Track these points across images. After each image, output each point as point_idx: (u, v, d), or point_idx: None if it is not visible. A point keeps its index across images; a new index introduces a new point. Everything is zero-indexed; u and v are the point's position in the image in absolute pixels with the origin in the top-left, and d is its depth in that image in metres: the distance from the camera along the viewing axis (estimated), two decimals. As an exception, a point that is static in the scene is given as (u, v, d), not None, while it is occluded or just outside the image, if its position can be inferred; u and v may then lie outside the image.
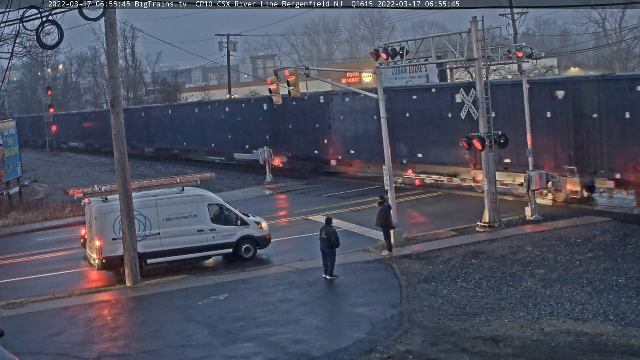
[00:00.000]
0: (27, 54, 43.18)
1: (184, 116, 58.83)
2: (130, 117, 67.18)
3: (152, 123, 63.57)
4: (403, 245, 24.81)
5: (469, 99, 26.55)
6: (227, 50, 70.11)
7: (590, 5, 61.49)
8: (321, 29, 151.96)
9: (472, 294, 19.24)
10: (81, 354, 16.88)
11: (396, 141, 35.02)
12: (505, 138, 26.70)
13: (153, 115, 64.20)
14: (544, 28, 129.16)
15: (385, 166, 26.04)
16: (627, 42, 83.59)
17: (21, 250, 30.14)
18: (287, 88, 25.64)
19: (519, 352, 15.18)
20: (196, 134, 56.50)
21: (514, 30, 53.63)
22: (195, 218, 24.53)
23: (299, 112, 43.80)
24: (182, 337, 17.61)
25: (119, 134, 22.65)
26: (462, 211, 30.04)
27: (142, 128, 64.73)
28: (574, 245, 23.20)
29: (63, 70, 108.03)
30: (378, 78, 26.11)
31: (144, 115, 65.78)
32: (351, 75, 74.86)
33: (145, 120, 64.79)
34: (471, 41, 25.76)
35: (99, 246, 23.79)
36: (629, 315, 16.74)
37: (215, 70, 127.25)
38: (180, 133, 58.89)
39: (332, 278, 21.64)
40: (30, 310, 20.66)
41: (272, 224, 28.63)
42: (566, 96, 28.66)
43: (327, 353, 15.81)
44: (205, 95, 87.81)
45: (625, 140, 26.52)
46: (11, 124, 43.46)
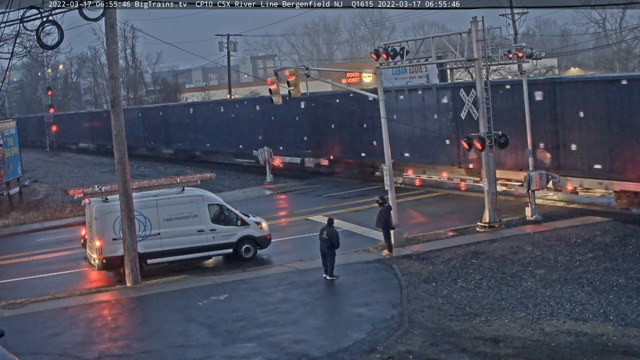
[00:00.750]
0: (27, 54, 43.21)
1: (207, 115, 55.51)
2: (146, 116, 64.97)
3: (170, 123, 60.53)
4: (403, 245, 24.81)
5: (469, 98, 26.56)
6: (227, 50, 70.15)
7: (590, 5, 61.55)
8: (321, 29, 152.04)
9: (472, 294, 19.24)
10: (81, 354, 16.88)
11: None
12: (505, 138, 26.71)
13: (172, 115, 60.98)
14: (544, 28, 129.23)
15: (385, 166, 26.06)
16: (627, 42, 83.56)
17: (21, 250, 30.15)
18: (287, 88, 25.66)
19: (519, 352, 15.18)
20: (221, 134, 53.23)
21: (514, 30, 53.65)
22: (195, 218, 24.53)
23: (342, 111, 40.51)
24: (182, 337, 17.61)
25: (119, 134, 22.65)
26: (462, 211, 30.04)
27: (160, 128, 61.95)
28: (574, 245, 23.21)
29: (63, 70, 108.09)
30: (378, 78, 26.12)
31: (162, 114, 62.66)
32: (351, 75, 74.88)
33: (163, 120, 61.81)
34: (471, 41, 25.76)
35: (99, 246, 23.79)
36: (629, 315, 16.73)
37: (215, 70, 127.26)
38: (203, 133, 55.59)
39: (332, 278, 21.64)
40: (30, 310, 20.66)
41: (272, 224, 28.63)
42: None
43: (327, 353, 15.81)
44: (205, 95, 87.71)
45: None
46: (11, 124, 43.47)
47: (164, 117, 61.95)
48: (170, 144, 61.93)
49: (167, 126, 61.12)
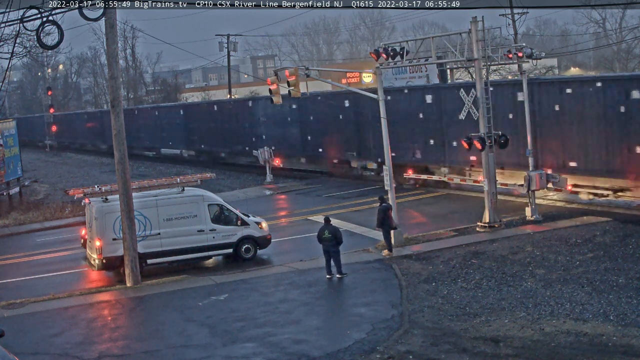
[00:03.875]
0: (27, 54, 43.19)
1: (235, 114, 51.58)
2: (164, 116, 61.77)
3: (191, 122, 57.08)
4: (403, 245, 24.80)
5: (469, 98, 26.56)
6: (227, 50, 70.15)
7: (590, 5, 61.52)
8: (321, 29, 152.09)
9: (472, 294, 19.24)
10: (81, 354, 16.88)
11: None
12: (505, 138, 26.71)
13: (193, 114, 57.69)
14: (544, 28, 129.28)
15: (385, 166, 26.07)
16: (627, 42, 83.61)
17: (21, 250, 30.15)
18: (287, 88, 25.68)
19: (519, 352, 15.17)
20: (252, 135, 49.25)
21: (514, 30, 53.65)
22: (195, 218, 24.53)
23: (401, 107, 36.39)
24: (182, 337, 17.61)
25: (119, 134, 22.65)
26: (462, 211, 30.03)
27: (179, 128, 58.68)
28: (574, 245, 23.20)
29: (63, 70, 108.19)
30: (378, 78, 26.12)
31: (182, 113, 59.44)
32: (351, 75, 74.96)
33: (183, 119, 58.42)
34: (471, 41, 25.76)
35: (99, 246, 23.78)
36: (629, 315, 16.73)
37: (215, 70, 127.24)
38: (230, 134, 51.86)
39: (341, 276, 21.63)
40: (30, 310, 20.66)
41: (272, 224, 28.63)
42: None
43: (327, 353, 15.81)
44: (205, 95, 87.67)
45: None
46: (11, 124, 43.50)
47: (184, 116, 58.29)
48: (191, 145, 57.89)
49: (188, 127, 57.24)
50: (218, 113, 54.94)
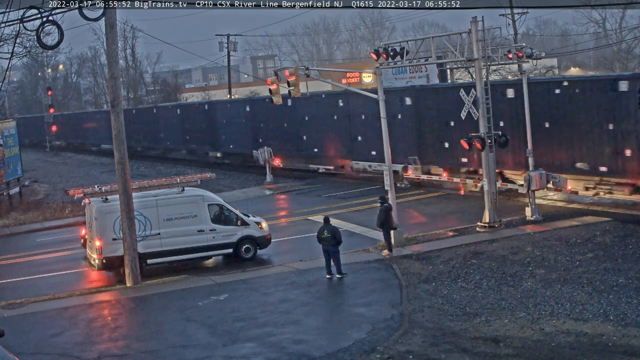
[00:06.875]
0: (27, 54, 43.18)
1: (269, 113, 47.27)
2: (188, 115, 58.71)
3: (218, 121, 53.32)
4: (403, 245, 24.81)
5: (469, 99, 26.56)
6: (227, 50, 70.11)
7: (590, 5, 61.47)
8: (321, 29, 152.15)
9: (472, 294, 19.24)
10: (81, 354, 16.89)
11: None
12: (505, 138, 26.70)
13: (221, 112, 53.70)
14: (544, 28, 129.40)
15: (385, 166, 26.06)
16: (627, 42, 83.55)
17: (21, 250, 30.16)
18: (287, 88, 25.69)
19: (519, 352, 15.18)
20: (290, 135, 45.58)
21: (514, 30, 53.65)
22: (195, 218, 24.53)
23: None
24: (182, 337, 17.61)
25: (119, 134, 22.66)
26: (462, 211, 30.04)
27: (205, 128, 55.02)
28: (574, 245, 23.20)
29: (63, 70, 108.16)
30: (378, 78, 26.12)
31: (207, 109, 55.61)
32: (351, 75, 74.80)
33: (208, 118, 54.73)
34: (471, 41, 25.76)
35: (99, 246, 23.78)
36: (629, 315, 16.73)
37: (215, 70, 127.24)
38: (264, 134, 47.79)
39: (341, 276, 21.65)
40: (30, 310, 20.66)
41: (272, 224, 28.63)
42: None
43: (327, 353, 15.81)
44: (205, 96, 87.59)
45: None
46: (11, 124, 43.51)
47: (209, 115, 54.99)
48: (219, 146, 54.33)
49: (214, 126, 53.86)
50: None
